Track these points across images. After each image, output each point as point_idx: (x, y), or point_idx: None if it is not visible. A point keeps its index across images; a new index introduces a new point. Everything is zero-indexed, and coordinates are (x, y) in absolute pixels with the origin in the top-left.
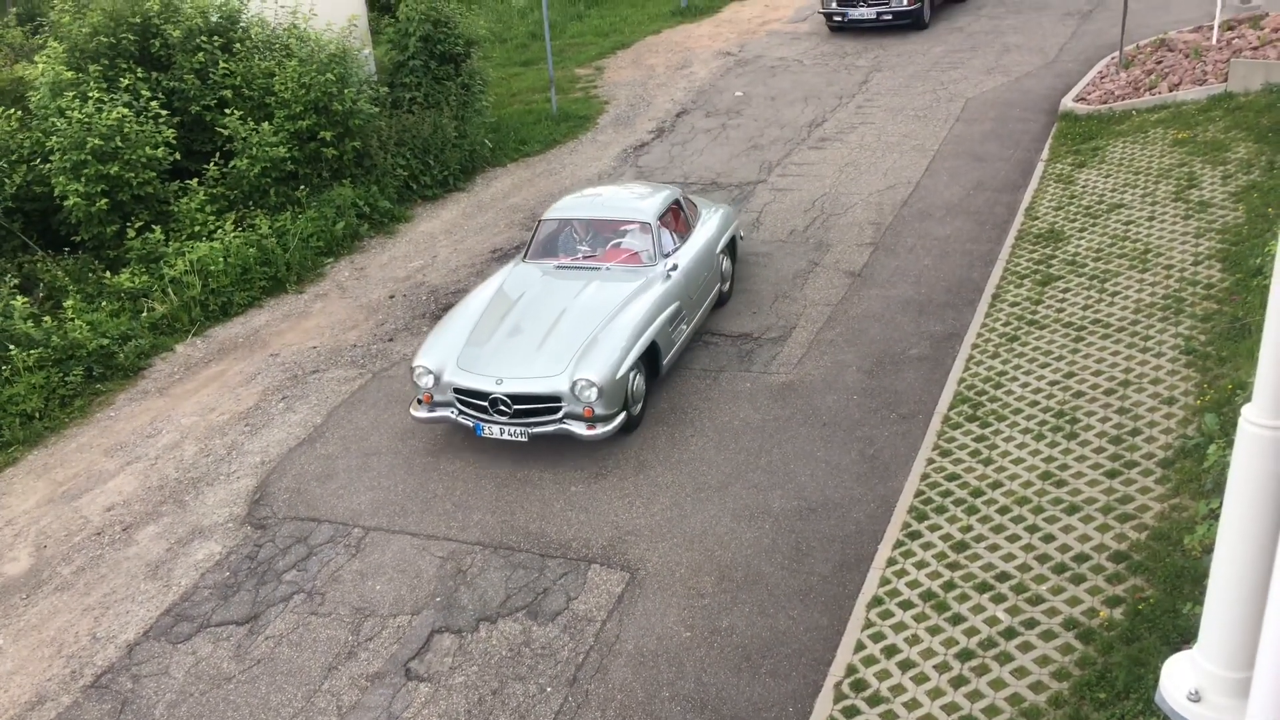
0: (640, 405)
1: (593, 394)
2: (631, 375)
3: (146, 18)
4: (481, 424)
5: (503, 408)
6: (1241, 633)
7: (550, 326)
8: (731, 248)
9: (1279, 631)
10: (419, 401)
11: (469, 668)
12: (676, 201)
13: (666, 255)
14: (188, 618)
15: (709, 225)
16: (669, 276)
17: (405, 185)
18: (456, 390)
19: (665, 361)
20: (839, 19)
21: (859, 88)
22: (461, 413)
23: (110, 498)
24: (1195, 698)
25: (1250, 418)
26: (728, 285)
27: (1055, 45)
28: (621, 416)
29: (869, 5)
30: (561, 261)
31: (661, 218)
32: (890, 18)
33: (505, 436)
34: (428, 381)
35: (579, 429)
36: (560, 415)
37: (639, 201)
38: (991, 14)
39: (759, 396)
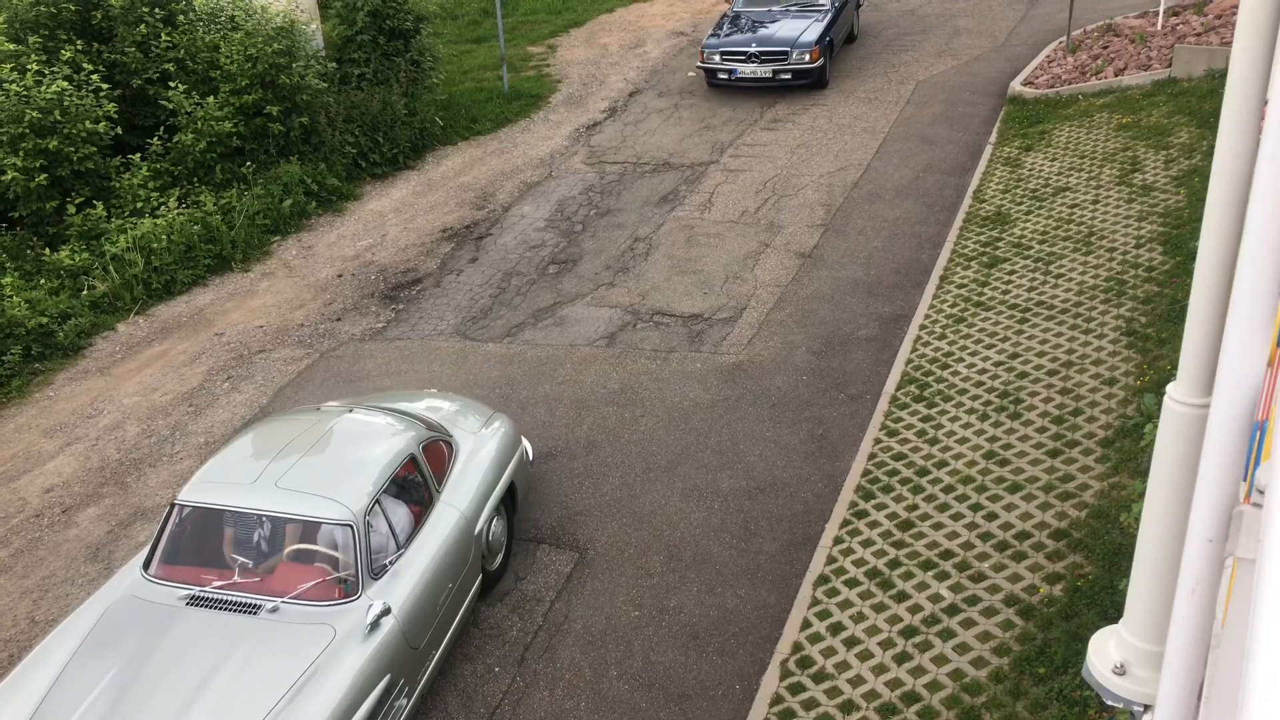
0: None
1: None
2: None
3: None
4: None
5: None
6: (1164, 607)
7: None
8: (511, 494)
9: (1189, 605)
10: None
11: None
12: (411, 457)
13: (379, 574)
14: None
15: (470, 476)
16: (378, 625)
17: (354, 163)
18: None
19: None
20: (723, 77)
21: None
22: None
23: (49, 479)
24: (1121, 671)
25: (1174, 396)
26: (498, 562)
27: (1005, 29)
28: None
29: (762, 63)
30: (200, 587)
31: (382, 497)
32: (789, 76)
33: None
34: None
35: None
36: None
37: (345, 464)
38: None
39: (709, 377)
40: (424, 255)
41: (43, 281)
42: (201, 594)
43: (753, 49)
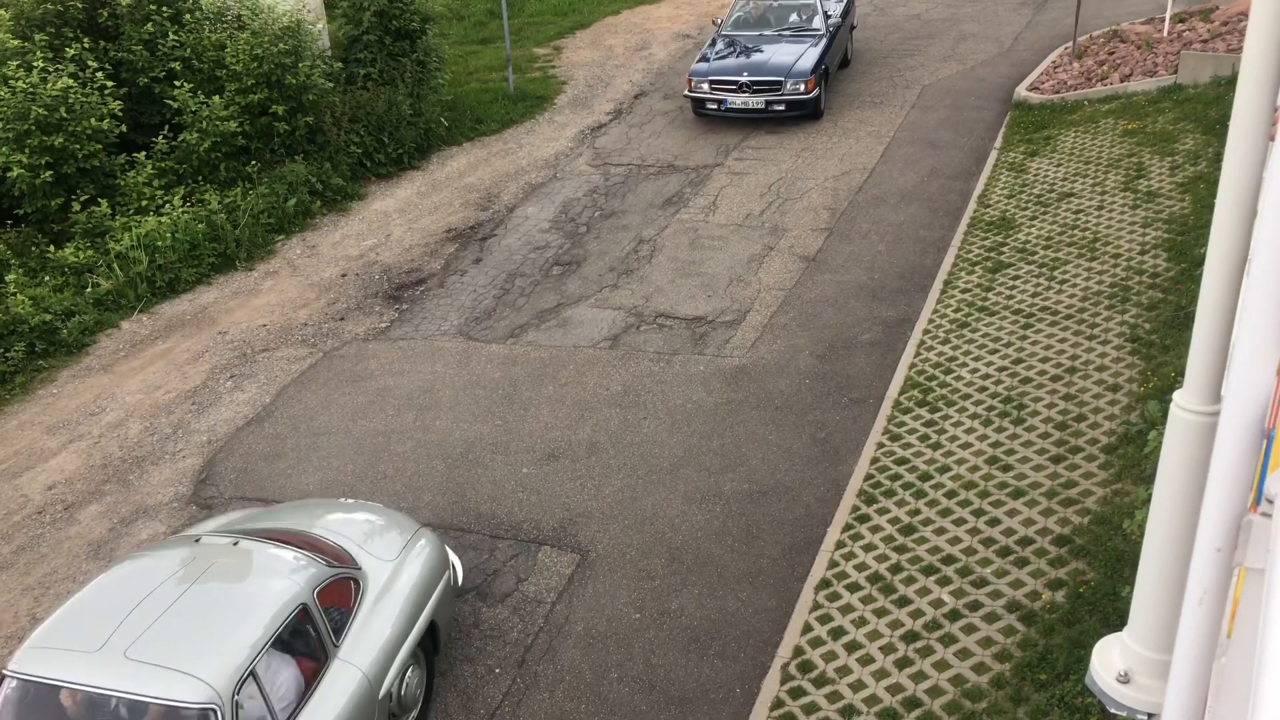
0: None
1: None
2: None
3: None
4: None
5: None
6: (1169, 615)
7: None
8: (433, 632)
9: (1196, 615)
10: None
11: None
12: (303, 606)
13: None
14: None
15: (378, 621)
16: None
17: (359, 162)
18: None
19: None
20: (713, 107)
21: None
22: None
23: (52, 476)
24: (1124, 679)
25: (1180, 403)
26: (415, 715)
27: (1010, 34)
28: None
29: (755, 93)
30: None
31: (262, 661)
32: (783, 108)
33: None
34: None
35: None
36: None
37: (216, 623)
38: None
39: (712, 380)
40: (428, 255)
41: (47, 279)
42: None
43: (744, 78)
